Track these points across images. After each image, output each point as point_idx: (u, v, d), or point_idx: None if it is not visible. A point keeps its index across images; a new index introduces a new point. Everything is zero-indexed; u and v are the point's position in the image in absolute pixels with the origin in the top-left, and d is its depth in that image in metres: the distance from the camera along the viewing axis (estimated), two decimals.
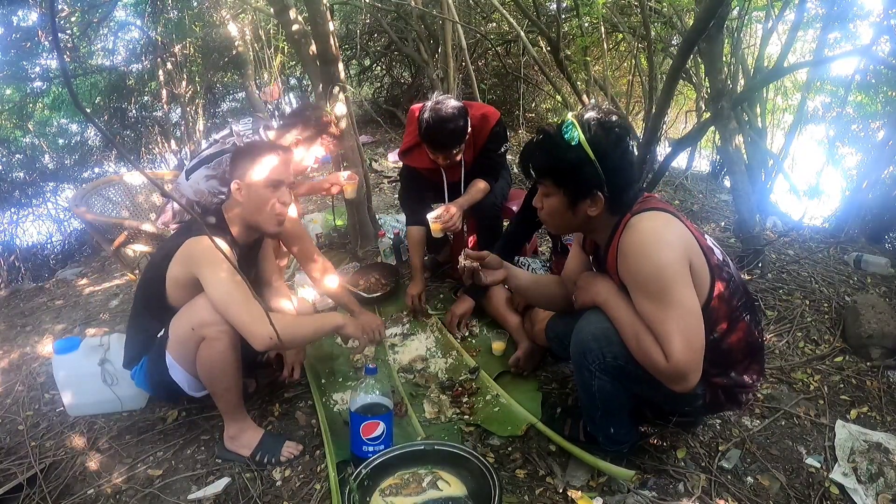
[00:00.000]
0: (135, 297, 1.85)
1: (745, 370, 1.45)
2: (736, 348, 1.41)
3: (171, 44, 5.32)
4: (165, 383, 1.73)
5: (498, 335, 2.29)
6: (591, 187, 1.35)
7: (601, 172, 1.32)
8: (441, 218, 2.34)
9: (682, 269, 1.27)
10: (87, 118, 0.63)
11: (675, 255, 1.26)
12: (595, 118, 1.35)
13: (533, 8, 4.37)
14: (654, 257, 1.26)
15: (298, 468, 1.74)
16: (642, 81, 4.66)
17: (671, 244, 1.27)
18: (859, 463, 1.67)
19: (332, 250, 3.37)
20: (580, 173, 1.34)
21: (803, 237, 3.34)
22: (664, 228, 1.30)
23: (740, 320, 1.40)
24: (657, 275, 1.26)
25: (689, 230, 1.35)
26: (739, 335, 1.40)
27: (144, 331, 1.77)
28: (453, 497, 1.47)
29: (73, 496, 1.72)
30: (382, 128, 6.64)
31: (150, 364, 1.75)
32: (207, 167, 2.26)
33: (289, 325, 1.68)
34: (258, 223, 1.76)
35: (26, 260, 4.98)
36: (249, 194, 1.72)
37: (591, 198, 1.36)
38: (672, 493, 1.57)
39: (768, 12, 3.48)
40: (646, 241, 1.29)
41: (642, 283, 1.29)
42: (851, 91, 3.98)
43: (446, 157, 2.36)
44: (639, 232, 1.30)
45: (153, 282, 1.72)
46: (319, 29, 2.65)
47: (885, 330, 2.14)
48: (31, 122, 5.47)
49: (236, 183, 1.72)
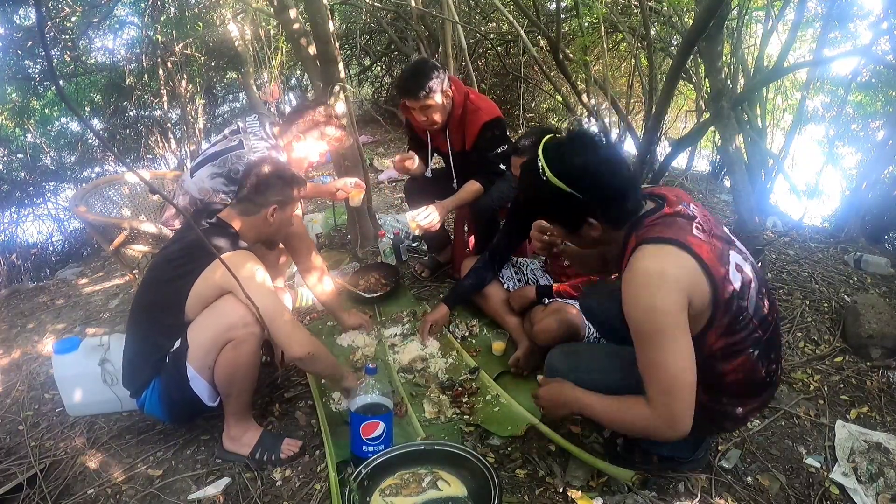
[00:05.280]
0: (135, 320, 1.75)
1: (739, 403, 1.38)
2: (731, 379, 1.34)
3: (171, 43, 5.33)
4: (185, 400, 1.69)
5: (498, 335, 2.29)
6: (579, 215, 1.31)
7: (582, 199, 1.27)
8: (419, 217, 2.35)
9: (676, 314, 1.20)
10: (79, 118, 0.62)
11: (670, 298, 1.19)
12: (558, 146, 1.30)
13: (533, 8, 4.37)
14: (645, 303, 1.21)
15: (298, 468, 1.74)
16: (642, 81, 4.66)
17: (666, 289, 1.19)
18: (859, 463, 1.67)
19: (332, 250, 3.37)
20: (561, 205, 1.30)
21: (803, 237, 3.34)
22: (662, 270, 1.21)
23: (741, 354, 1.31)
24: (648, 321, 1.22)
25: (701, 259, 1.22)
26: (736, 367, 1.32)
27: (156, 351, 1.68)
28: (453, 497, 1.47)
29: (73, 496, 1.72)
30: (382, 128, 6.65)
31: (166, 383, 1.68)
32: (213, 164, 2.25)
33: (320, 350, 1.73)
34: (272, 238, 1.89)
35: (26, 260, 4.98)
36: (281, 219, 1.84)
37: (586, 224, 1.32)
38: (672, 493, 1.57)
39: (768, 12, 3.47)
40: (641, 285, 1.22)
41: (635, 326, 1.25)
42: (851, 91, 3.98)
43: (417, 106, 2.37)
44: (636, 273, 1.23)
45: (168, 300, 1.67)
46: (319, 29, 2.65)
47: (885, 330, 2.14)
48: (31, 121, 5.47)
49: (273, 208, 1.79)
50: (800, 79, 4.53)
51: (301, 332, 1.69)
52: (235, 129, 2.35)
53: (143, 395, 1.72)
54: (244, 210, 1.81)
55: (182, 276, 1.65)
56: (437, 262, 2.99)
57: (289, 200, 1.85)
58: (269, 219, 1.80)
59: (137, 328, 1.74)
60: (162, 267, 1.73)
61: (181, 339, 1.65)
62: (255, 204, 1.80)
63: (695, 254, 1.22)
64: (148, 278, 1.77)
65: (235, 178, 2.23)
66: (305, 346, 1.66)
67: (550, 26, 4.16)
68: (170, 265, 1.71)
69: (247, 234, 1.81)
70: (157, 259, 1.83)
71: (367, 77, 8.10)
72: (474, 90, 2.58)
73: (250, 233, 1.82)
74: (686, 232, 1.26)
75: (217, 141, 2.37)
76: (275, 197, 1.80)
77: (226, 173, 2.23)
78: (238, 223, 1.80)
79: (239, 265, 1.63)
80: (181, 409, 1.74)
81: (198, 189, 2.25)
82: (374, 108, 7.06)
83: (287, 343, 1.64)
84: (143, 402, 1.73)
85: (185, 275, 1.65)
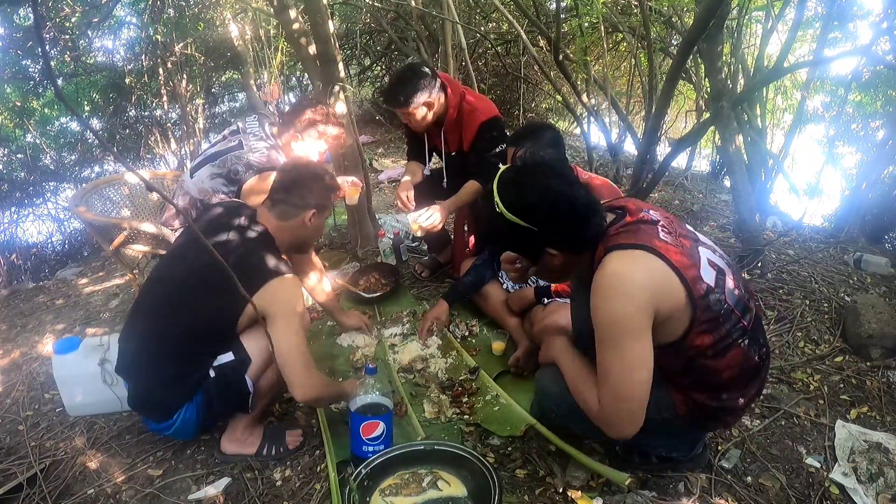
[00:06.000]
0: (166, 342, 1.61)
1: (739, 395, 1.39)
2: (728, 375, 1.35)
3: (171, 43, 5.33)
4: (229, 411, 1.72)
5: (498, 335, 2.29)
6: (538, 247, 1.32)
7: (538, 232, 1.28)
8: (420, 218, 2.35)
9: (638, 320, 1.21)
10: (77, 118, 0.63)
11: (631, 307, 1.20)
12: (513, 178, 1.30)
13: (533, 8, 4.37)
14: (608, 307, 1.22)
15: (298, 468, 1.75)
16: (642, 81, 4.66)
17: (630, 294, 1.21)
18: (859, 463, 1.67)
19: (332, 250, 3.37)
20: (519, 239, 1.31)
21: (803, 237, 3.34)
22: (628, 274, 1.22)
23: (733, 348, 1.32)
24: (609, 324, 1.23)
25: (670, 261, 1.24)
26: (731, 363, 1.33)
27: (198, 369, 1.61)
28: (453, 497, 1.47)
29: (73, 496, 1.72)
30: (382, 128, 6.65)
31: (210, 399, 1.63)
32: (212, 165, 2.25)
33: (323, 394, 1.68)
34: (307, 242, 1.87)
35: (26, 260, 4.98)
36: (318, 224, 1.81)
37: (546, 254, 1.33)
38: (672, 492, 1.57)
39: (768, 12, 3.47)
40: (605, 287, 1.23)
41: (597, 328, 1.26)
42: (851, 91, 3.98)
43: (399, 112, 2.40)
44: (603, 276, 1.24)
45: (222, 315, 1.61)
46: (319, 29, 2.65)
47: (885, 330, 2.14)
48: (31, 121, 5.47)
49: (312, 212, 1.75)
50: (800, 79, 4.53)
51: (308, 378, 1.60)
52: (235, 129, 2.35)
53: (174, 417, 1.64)
54: (281, 213, 1.73)
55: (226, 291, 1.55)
56: (437, 262, 2.99)
57: (327, 205, 1.81)
58: (307, 223, 1.75)
59: (169, 349, 1.60)
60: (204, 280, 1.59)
61: (233, 351, 1.62)
62: (294, 206, 1.73)
63: (663, 257, 1.24)
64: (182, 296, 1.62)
65: (235, 178, 2.23)
66: (307, 393, 1.61)
67: (550, 26, 4.15)
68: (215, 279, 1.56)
69: (282, 238, 1.74)
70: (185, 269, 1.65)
71: (367, 77, 8.10)
72: (471, 90, 2.58)
73: (285, 237, 1.75)
74: (652, 237, 1.27)
75: (217, 141, 2.37)
76: (315, 200, 1.74)
77: (225, 174, 2.23)
78: (273, 226, 1.72)
79: (279, 295, 1.58)
80: (216, 420, 1.75)
81: (198, 189, 2.25)
82: (374, 108, 7.06)
83: (290, 386, 1.59)
84: (173, 423, 1.65)
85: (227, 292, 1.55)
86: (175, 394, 1.63)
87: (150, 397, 1.65)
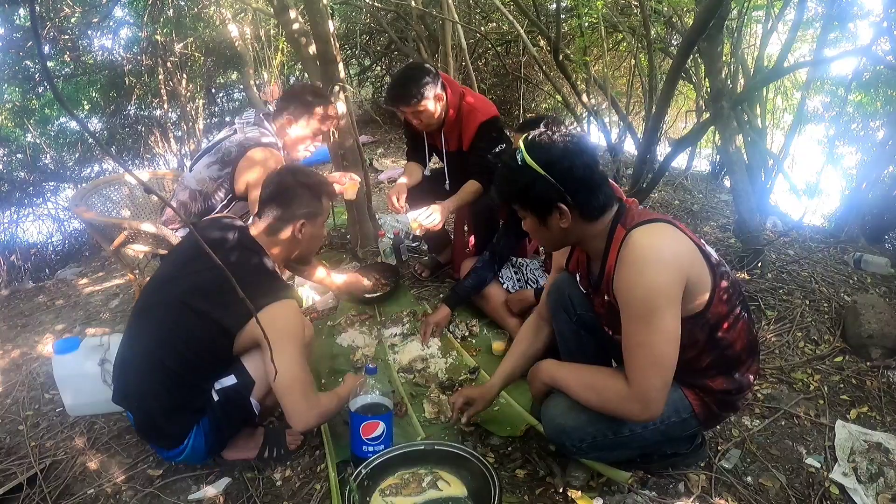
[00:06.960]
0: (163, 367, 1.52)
1: (747, 369, 1.45)
2: (740, 349, 1.41)
3: (171, 43, 5.33)
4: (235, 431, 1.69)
5: (498, 335, 2.29)
6: (551, 200, 1.34)
7: (555, 184, 1.32)
8: (421, 217, 2.35)
9: (674, 291, 1.25)
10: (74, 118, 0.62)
11: (669, 277, 1.24)
12: (538, 136, 1.35)
13: (533, 8, 4.37)
14: (643, 279, 1.24)
15: (298, 468, 1.75)
16: (642, 81, 4.66)
17: (668, 264, 1.25)
18: (859, 463, 1.67)
19: (332, 250, 3.37)
20: (535, 189, 1.34)
21: (803, 237, 3.34)
22: (663, 245, 1.27)
23: (740, 319, 1.40)
24: (644, 295, 1.24)
25: (689, 235, 1.34)
26: (741, 334, 1.40)
27: (202, 393, 1.56)
28: (453, 497, 1.47)
29: (73, 496, 1.72)
30: (382, 128, 6.65)
31: (217, 422, 1.59)
32: (209, 154, 2.28)
33: (326, 409, 1.62)
34: (304, 255, 1.73)
35: (26, 260, 4.97)
36: (311, 234, 1.67)
37: (557, 210, 1.35)
38: (672, 492, 1.57)
39: (768, 12, 3.47)
40: (639, 260, 1.26)
41: (632, 303, 1.28)
42: (851, 91, 3.98)
43: (409, 111, 2.40)
44: (638, 248, 1.27)
45: (214, 339, 1.54)
46: (319, 29, 2.65)
47: (885, 330, 2.14)
48: (31, 120, 5.47)
49: (301, 223, 1.62)
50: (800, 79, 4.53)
51: (307, 408, 1.55)
52: (232, 124, 2.38)
53: (183, 443, 1.58)
54: (269, 229, 1.63)
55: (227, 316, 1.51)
56: (438, 262, 2.99)
57: (318, 212, 1.67)
58: (297, 236, 1.64)
59: (166, 379, 1.53)
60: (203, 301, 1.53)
61: (235, 374, 1.57)
62: (279, 220, 1.62)
63: (683, 231, 1.33)
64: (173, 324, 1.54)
65: (228, 159, 2.23)
66: (308, 424, 1.57)
67: (550, 26, 4.15)
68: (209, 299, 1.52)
69: (276, 254, 1.65)
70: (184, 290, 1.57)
71: (367, 77, 8.09)
72: (471, 90, 2.58)
73: (279, 253, 1.65)
74: (668, 217, 1.37)
75: (215, 138, 2.40)
76: (301, 210, 1.63)
77: (220, 158, 2.24)
78: (264, 242, 1.64)
79: (277, 323, 1.49)
80: (226, 441, 1.70)
81: (196, 181, 2.27)
82: (374, 108, 7.06)
83: (288, 417, 1.55)
84: (183, 449, 1.59)
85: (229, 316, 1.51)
86: (179, 423, 1.57)
87: (155, 427, 1.59)
